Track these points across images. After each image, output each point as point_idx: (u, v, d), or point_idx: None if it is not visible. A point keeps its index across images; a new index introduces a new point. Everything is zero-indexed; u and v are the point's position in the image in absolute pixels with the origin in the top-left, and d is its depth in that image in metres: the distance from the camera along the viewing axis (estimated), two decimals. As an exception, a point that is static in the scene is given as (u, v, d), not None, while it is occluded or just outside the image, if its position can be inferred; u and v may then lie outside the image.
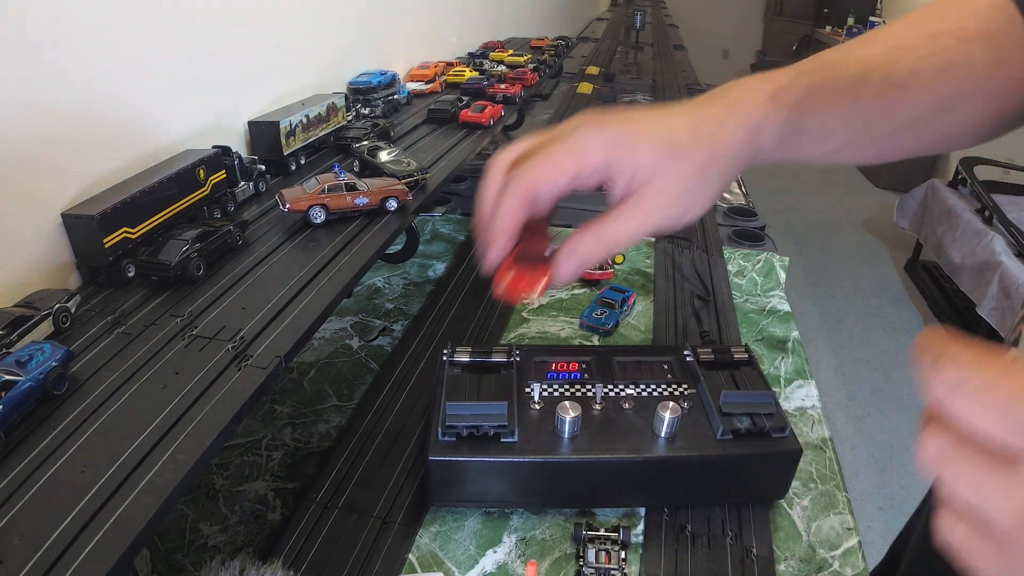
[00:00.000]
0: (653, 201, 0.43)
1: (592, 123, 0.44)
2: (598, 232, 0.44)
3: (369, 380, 0.75)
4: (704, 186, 0.44)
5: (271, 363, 0.46)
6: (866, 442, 2.21)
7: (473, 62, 1.47)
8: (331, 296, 0.54)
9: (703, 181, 0.43)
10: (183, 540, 0.56)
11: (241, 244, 0.62)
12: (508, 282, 0.49)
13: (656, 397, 0.58)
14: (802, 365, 0.78)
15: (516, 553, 0.54)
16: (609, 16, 4.27)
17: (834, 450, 0.66)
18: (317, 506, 0.57)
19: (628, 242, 0.44)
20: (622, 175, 0.43)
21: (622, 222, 0.44)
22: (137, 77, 0.65)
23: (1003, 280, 2.20)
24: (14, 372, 0.40)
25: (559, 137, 0.45)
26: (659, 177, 0.43)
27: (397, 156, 0.80)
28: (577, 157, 0.43)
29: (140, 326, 0.50)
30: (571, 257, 0.46)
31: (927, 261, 3.14)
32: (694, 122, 0.44)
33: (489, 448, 0.53)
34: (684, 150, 0.43)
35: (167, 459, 0.38)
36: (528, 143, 0.47)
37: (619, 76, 2.31)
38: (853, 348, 2.70)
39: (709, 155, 0.43)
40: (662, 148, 0.42)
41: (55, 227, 0.56)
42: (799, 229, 3.76)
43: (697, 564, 0.52)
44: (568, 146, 0.43)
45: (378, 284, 0.96)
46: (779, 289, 0.94)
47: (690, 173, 0.43)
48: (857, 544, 0.56)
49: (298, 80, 0.95)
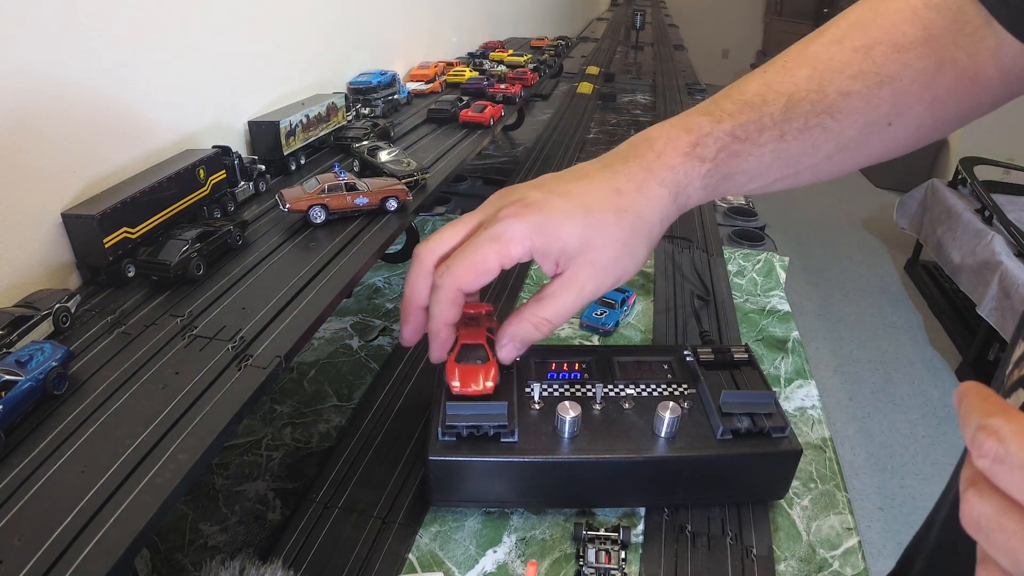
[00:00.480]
0: (585, 273, 0.43)
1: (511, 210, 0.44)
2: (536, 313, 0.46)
3: (369, 380, 0.75)
4: (634, 250, 0.44)
5: (271, 363, 0.46)
6: (866, 442, 2.21)
7: (473, 62, 1.48)
8: (331, 296, 0.54)
9: (632, 246, 0.44)
10: (183, 540, 0.56)
11: (241, 244, 0.62)
12: (458, 381, 0.52)
13: (656, 397, 0.58)
14: (802, 365, 0.78)
15: (516, 553, 0.54)
16: (609, 16, 4.27)
17: (834, 450, 0.66)
18: (317, 506, 0.57)
19: (567, 316, 0.45)
20: (548, 258, 0.44)
21: (559, 298, 0.44)
22: (137, 77, 0.65)
23: (1003, 280, 2.20)
24: (14, 372, 0.40)
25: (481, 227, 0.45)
26: (587, 251, 0.43)
27: (397, 156, 0.80)
28: (499, 252, 0.43)
29: (140, 326, 0.50)
30: (514, 341, 0.48)
31: (927, 261, 3.14)
32: (614, 188, 0.43)
33: (489, 448, 0.53)
34: (607, 223, 0.43)
35: (167, 459, 0.38)
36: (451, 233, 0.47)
37: (619, 76, 2.31)
38: (853, 348, 2.70)
39: (632, 222, 0.43)
40: (584, 226, 0.42)
41: (55, 227, 0.56)
42: (799, 229, 3.76)
43: (697, 564, 0.52)
44: (491, 240, 0.43)
45: (378, 284, 0.96)
46: (779, 289, 0.94)
47: (619, 242, 0.43)
48: (857, 544, 0.56)
49: (298, 80, 0.95)
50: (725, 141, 0.42)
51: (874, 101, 0.42)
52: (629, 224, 0.43)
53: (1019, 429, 0.19)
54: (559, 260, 0.44)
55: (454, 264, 0.44)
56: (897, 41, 0.41)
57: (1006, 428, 0.19)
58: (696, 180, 0.43)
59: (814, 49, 0.44)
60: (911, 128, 0.44)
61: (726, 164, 0.43)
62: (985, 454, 0.20)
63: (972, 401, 0.21)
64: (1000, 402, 0.20)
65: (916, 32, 0.41)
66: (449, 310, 0.47)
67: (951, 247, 2.62)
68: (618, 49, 2.92)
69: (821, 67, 0.42)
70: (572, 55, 2.47)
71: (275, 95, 0.89)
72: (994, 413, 0.20)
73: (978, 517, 0.20)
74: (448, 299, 0.46)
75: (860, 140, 0.43)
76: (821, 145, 0.43)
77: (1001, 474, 0.20)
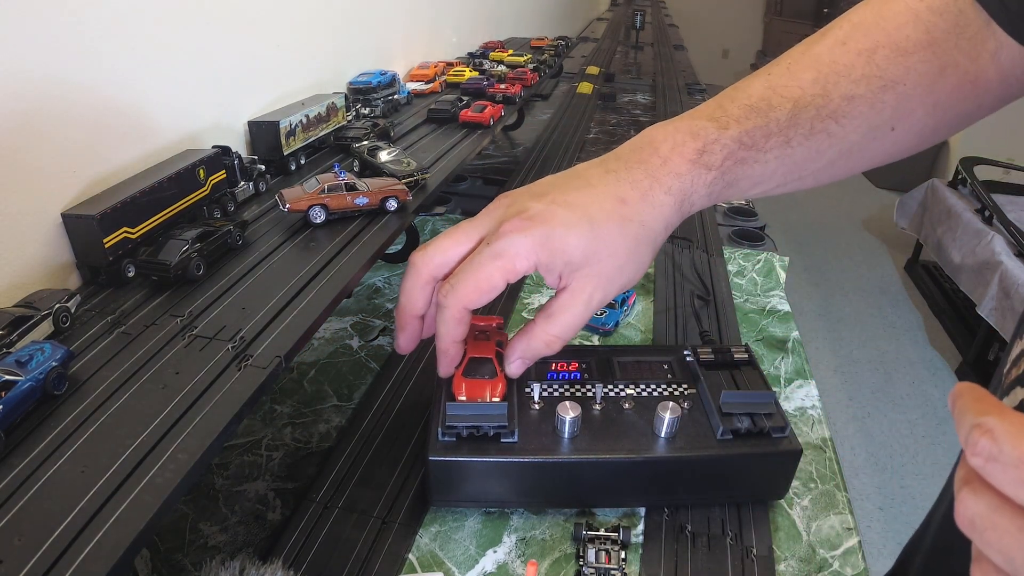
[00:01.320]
0: (591, 284, 0.43)
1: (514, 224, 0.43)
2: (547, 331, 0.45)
3: (369, 380, 0.75)
4: (639, 258, 0.44)
5: (271, 363, 0.46)
6: (866, 442, 2.21)
7: (473, 62, 1.47)
8: (331, 296, 0.54)
9: (637, 255, 0.43)
10: (183, 540, 0.56)
11: (241, 244, 0.62)
12: (465, 396, 0.53)
13: (656, 397, 0.58)
14: (802, 365, 0.78)
15: (516, 553, 0.54)
16: (609, 16, 4.27)
17: (834, 450, 0.66)
18: (317, 506, 0.57)
19: (577, 330, 0.45)
20: (552, 271, 0.43)
21: (568, 312, 0.44)
22: (137, 77, 0.65)
23: (1003, 280, 2.20)
24: (14, 372, 0.40)
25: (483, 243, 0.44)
26: (592, 263, 0.43)
27: (397, 156, 0.80)
28: (504, 268, 0.42)
29: (140, 326, 0.50)
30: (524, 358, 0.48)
31: (927, 261, 3.14)
32: (618, 197, 0.43)
33: (489, 448, 0.53)
34: (611, 233, 0.42)
35: (167, 459, 0.38)
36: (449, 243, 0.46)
37: (619, 76, 2.31)
38: (853, 348, 2.70)
39: (637, 231, 0.43)
40: (588, 237, 0.42)
41: (55, 227, 0.56)
42: (799, 229, 3.76)
43: (697, 564, 0.52)
44: (494, 257, 0.43)
45: (378, 284, 0.96)
46: (779, 289, 0.94)
47: (624, 251, 0.43)
48: (857, 544, 0.56)
49: (298, 80, 0.95)
50: (732, 148, 0.42)
51: (878, 106, 0.41)
52: (634, 233, 0.42)
53: (1012, 428, 0.19)
54: (563, 272, 0.43)
55: (458, 283, 0.44)
56: (900, 44, 0.41)
57: (999, 427, 0.20)
58: (702, 188, 0.43)
59: (818, 51, 0.43)
60: (913, 132, 0.44)
61: (731, 171, 0.43)
62: (979, 452, 0.20)
63: (967, 401, 0.21)
64: (994, 401, 0.21)
65: (919, 35, 0.41)
66: (456, 329, 0.47)
67: (951, 247, 2.62)
68: (618, 49, 2.92)
69: (825, 70, 0.42)
70: (572, 55, 2.47)
71: (275, 95, 0.89)
72: (988, 412, 0.20)
73: (972, 515, 0.21)
74: (455, 319, 0.46)
75: (863, 145, 0.43)
76: (825, 151, 0.43)
77: (995, 472, 0.20)
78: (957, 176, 2.85)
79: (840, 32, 0.43)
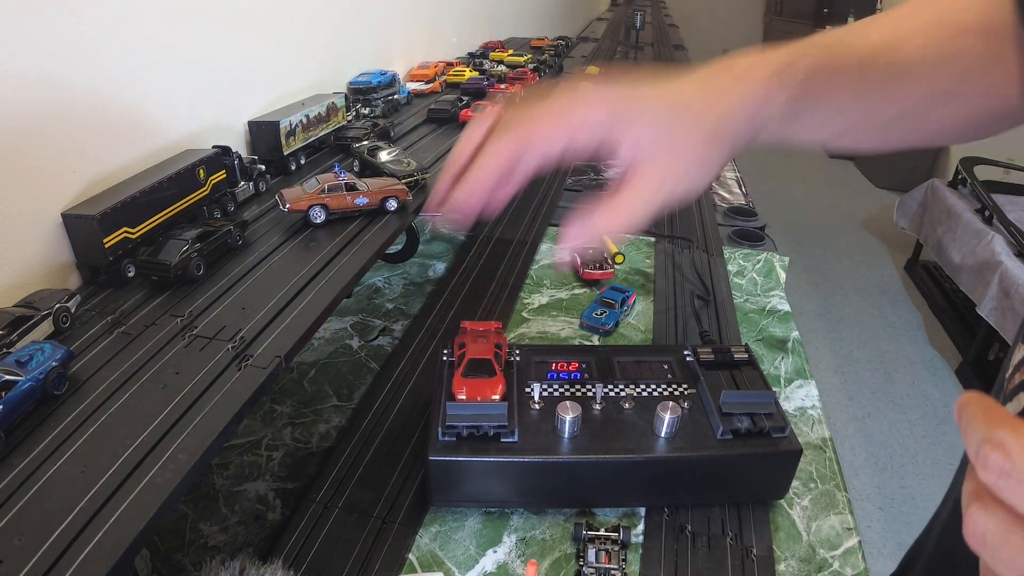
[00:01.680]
0: (662, 174, 0.41)
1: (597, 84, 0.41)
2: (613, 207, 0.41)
3: (369, 380, 0.75)
4: (707, 160, 0.42)
5: (271, 363, 0.46)
6: (866, 442, 2.21)
7: (473, 62, 1.47)
8: (331, 296, 0.54)
9: (707, 155, 0.41)
10: (183, 540, 0.56)
11: (241, 244, 0.62)
12: (465, 396, 0.52)
13: (656, 397, 0.58)
14: (802, 365, 0.78)
15: (516, 553, 0.54)
16: (609, 16, 4.27)
17: (834, 450, 0.66)
18: (317, 506, 0.57)
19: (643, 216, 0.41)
20: (627, 138, 0.41)
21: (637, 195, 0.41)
22: (137, 77, 0.65)
23: (1003, 280, 2.20)
24: (14, 372, 0.40)
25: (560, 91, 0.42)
26: (664, 150, 0.41)
27: (397, 156, 0.80)
28: (582, 108, 0.40)
29: (140, 326, 0.50)
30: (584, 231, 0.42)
31: (927, 261, 3.14)
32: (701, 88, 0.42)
33: (489, 448, 0.53)
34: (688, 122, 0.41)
35: (167, 459, 0.38)
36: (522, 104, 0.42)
37: (619, 76, 2.31)
38: (853, 348, 2.70)
39: (713, 127, 0.41)
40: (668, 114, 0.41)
41: (55, 227, 0.56)
42: (799, 229, 3.76)
43: (697, 564, 0.52)
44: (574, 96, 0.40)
45: (378, 284, 0.96)
46: (779, 289, 0.94)
47: (695, 146, 0.41)
48: (857, 544, 0.56)
49: (298, 80, 0.95)
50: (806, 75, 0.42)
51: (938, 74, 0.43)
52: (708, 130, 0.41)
53: None
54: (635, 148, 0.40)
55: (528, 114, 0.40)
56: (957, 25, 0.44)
57: (1012, 441, 0.19)
58: (777, 102, 0.42)
59: (888, 17, 0.46)
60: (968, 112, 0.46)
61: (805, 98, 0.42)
62: (990, 468, 0.19)
63: (975, 412, 0.20)
64: (1004, 413, 0.20)
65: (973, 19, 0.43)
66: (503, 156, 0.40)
67: (951, 247, 2.62)
68: (618, 49, 2.92)
69: (893, 32, 0.44)
70: (572, 55, 2.47)
71: (275, 95, 0.89)
72: (999, 425, 0.19)
73: (983, 532, 0.20)
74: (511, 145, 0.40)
75: (922, 111, 0.45)
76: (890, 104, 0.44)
77: (1007, 489, 0.19)
78: (957, 176, 2.85)
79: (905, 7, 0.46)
